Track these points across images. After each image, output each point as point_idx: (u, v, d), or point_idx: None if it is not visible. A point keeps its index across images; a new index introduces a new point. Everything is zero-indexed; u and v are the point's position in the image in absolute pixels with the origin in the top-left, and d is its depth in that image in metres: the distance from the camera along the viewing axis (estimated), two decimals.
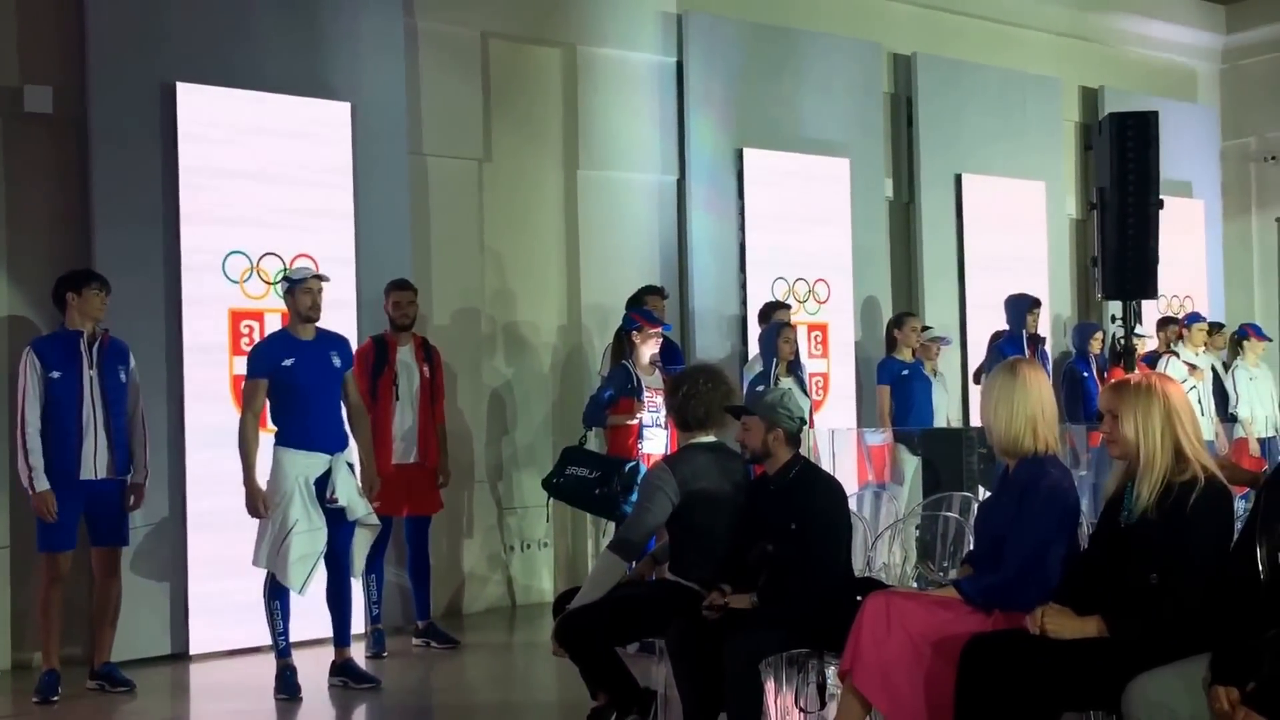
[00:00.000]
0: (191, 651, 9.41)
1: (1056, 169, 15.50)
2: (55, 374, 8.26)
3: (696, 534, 6.66)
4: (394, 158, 10.60)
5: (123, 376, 8.50)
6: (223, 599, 9.34)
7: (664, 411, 8.90)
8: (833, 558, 6.28)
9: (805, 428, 6.70)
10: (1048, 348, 13.33)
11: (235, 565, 8.77)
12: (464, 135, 11.30)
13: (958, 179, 14.49)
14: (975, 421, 12.37)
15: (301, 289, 8.30)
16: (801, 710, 6.38)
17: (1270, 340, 14.53)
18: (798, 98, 13.22)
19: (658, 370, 9.78)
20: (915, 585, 7.59)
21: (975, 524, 6.08)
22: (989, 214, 14.60)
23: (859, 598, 5.74)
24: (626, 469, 9.20)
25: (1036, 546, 5.47)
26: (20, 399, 8.26)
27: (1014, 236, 14.77)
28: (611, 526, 9.52)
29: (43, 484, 8.18)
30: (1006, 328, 12.83)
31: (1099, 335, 13.67)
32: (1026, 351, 12.39)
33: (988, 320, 13.60)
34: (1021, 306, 12.78)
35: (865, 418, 12.76)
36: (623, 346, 9.93)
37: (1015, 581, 5.48)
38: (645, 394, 9.67)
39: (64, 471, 8.25)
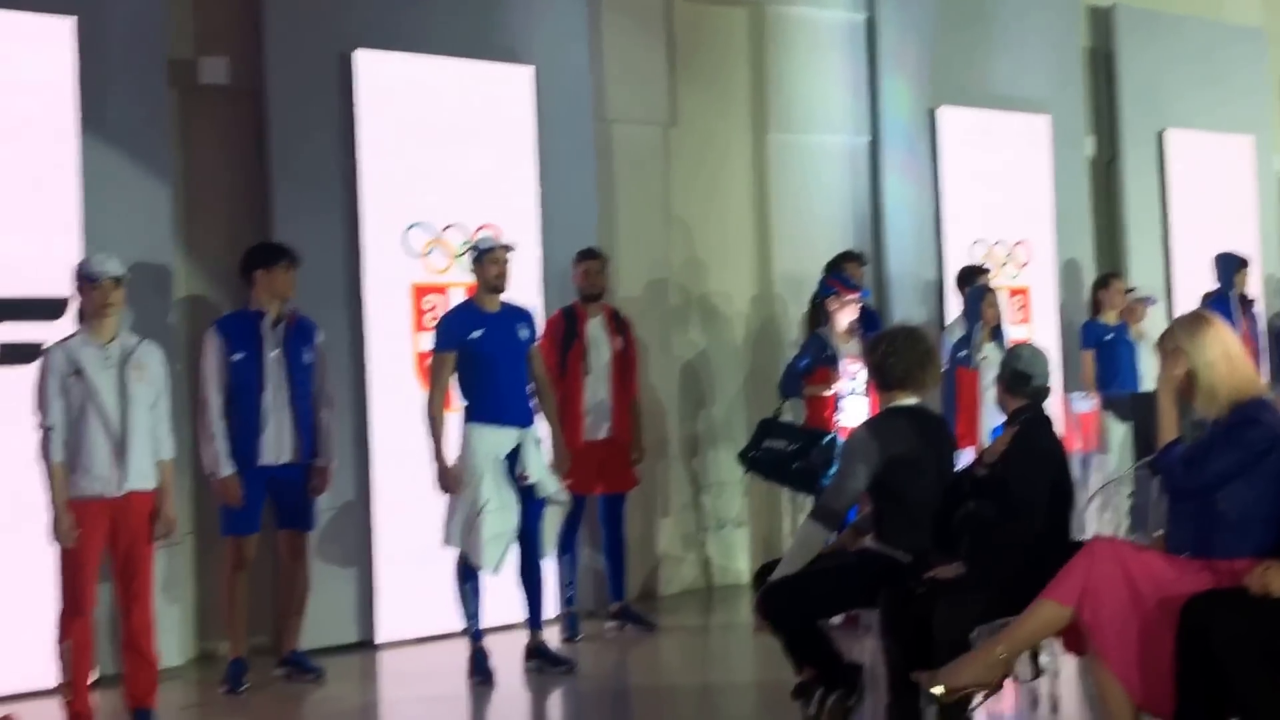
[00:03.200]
0: (379, 639, 9.15)
1: (1264, 122, 15.06)
2: (238, 356, 8.02)
3: (900, 500, 6.43)
4: (578, 123, 10.30)
5: (307, 357, 8.22)
6: (411, 585, 9.06)
7: (863, 380, 8.66)
8: (1032, 497, 6.16)
9: (1031, 382, 6.51)
10: (1259, 309, 12.90)
11: (423, 550, 8.53)
12: (650, 99, 11.00)
13: (1160, 135, 14.05)
14: None
15: (490, 258, 8.10)
16: (1015, 680, 6.19)
17: None
18: (993, 54, 12.80)
19: (856, 338, 9.41)
20: None
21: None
22: (1195, 170, 14.17)
23: None
24: (824, 442, 8.86)
25: (1210, 476, 5.34)
26: (203, 381, 8.05)
27: (1221, 193, 14.34)
28: (809, 503, 9.08)
29: (228, 469, 7.95)
30: (1217, 287, 12.38)
31: None
32: (1237, 312, 11.98)
33: (1196, 281, 13.10)
34: (1230, 266, 12.39)
35: (1071, 384, 12.26)
36: (817, 314, 9.67)
37: (1174, 486, 5.48)
38: (842, 362, 9.32)
39: (246, 456, 8.01)
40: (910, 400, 6.56)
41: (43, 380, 6.89)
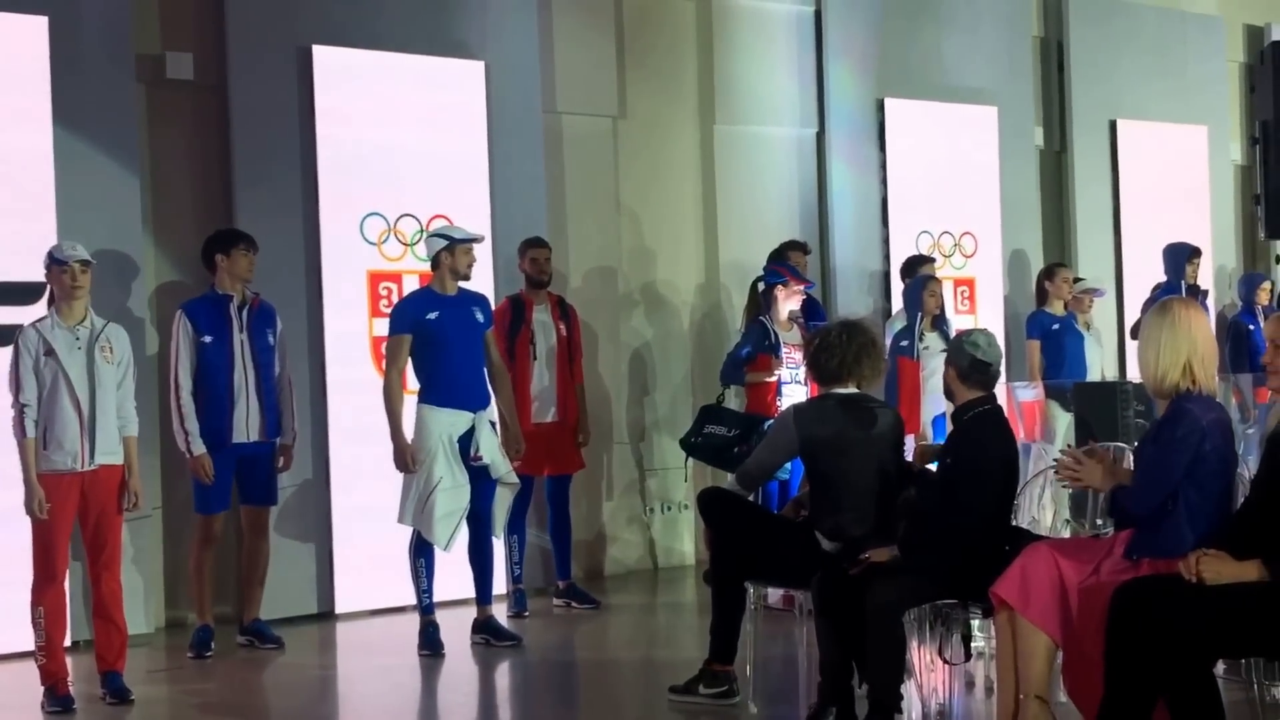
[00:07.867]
0: (337, 610, 10.10)
1: (1219, 112, 15.70)
2: (207, 338, 8.94)
3: (825, 483, 7.07)
4: (528, 116, 11.17)
5: (270, 339, 9.17)
6: (367, 559, 10.00)
7: (803, 368, 9.17)
8: (979, 503, 6.52)
9: (989, 371, 6.76)
10: (1210, 300, 13.54)
11: (379, 526, 9.42)
12: (598, 91, 11.80)
13: (1112, 125, 14.78)
14: (1133, 376, 12.55)
15: (463, 249, 8.88)
16: (946, 662, 6.74)
17: None
18: (942, 44, 13.55)
19: (796, 326, 10.13)
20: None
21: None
22: (1147, 161, 14.82)
23: (1007, 548, 6.23)
24: (763, 428, 9.29)
25: (1158, 487, 5.71)
26: (173, 362, 8.94)
27: (1174, 184, 14.95)
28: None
29: (199, 448, 8.86)
30: (1166, 279, 12.98)
31: (1266, 285, 13.82)
32: None
33: (1146, 272, 13.80)
34: (1180, 256, 13.00)
35: (1015, 374, 12.91)
36: (758, 302, 10.32)
37: (1143, 519, 5.76)
38: (783, 350, 10.02)
39: (217, 435, 8.93)
40: (848, 389, 7.14)
41: (17, 360, 7.74)
